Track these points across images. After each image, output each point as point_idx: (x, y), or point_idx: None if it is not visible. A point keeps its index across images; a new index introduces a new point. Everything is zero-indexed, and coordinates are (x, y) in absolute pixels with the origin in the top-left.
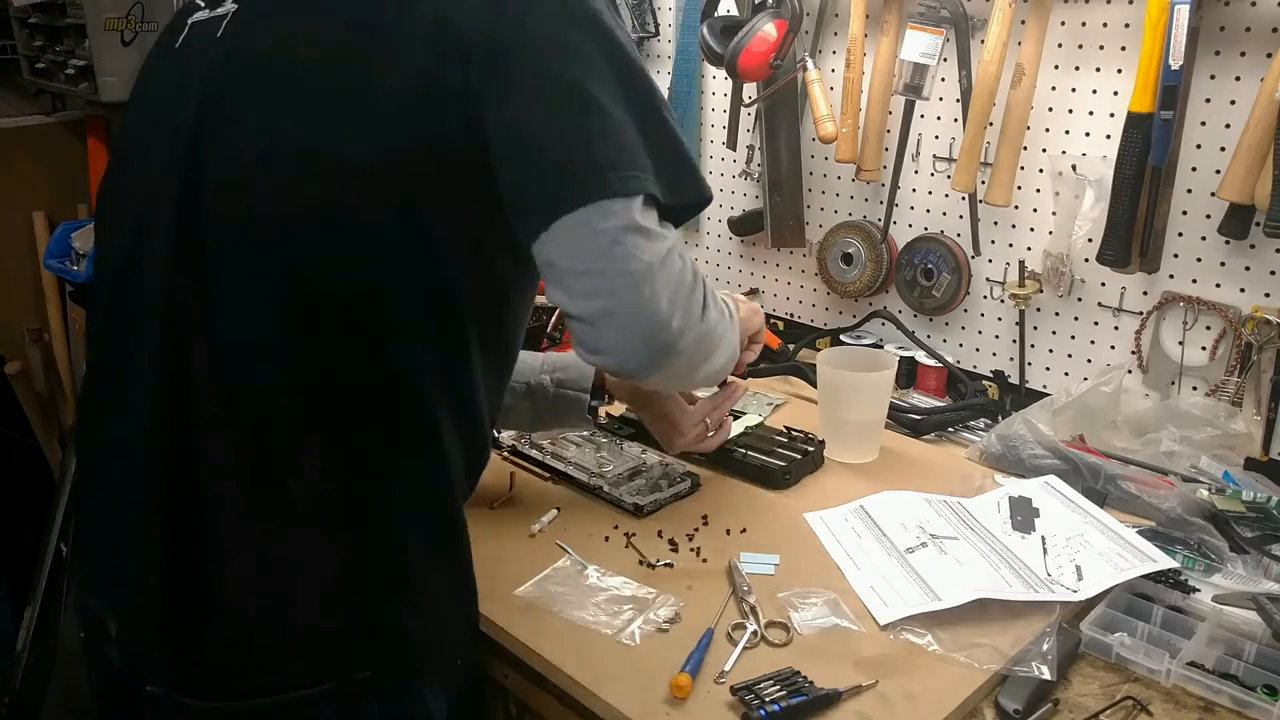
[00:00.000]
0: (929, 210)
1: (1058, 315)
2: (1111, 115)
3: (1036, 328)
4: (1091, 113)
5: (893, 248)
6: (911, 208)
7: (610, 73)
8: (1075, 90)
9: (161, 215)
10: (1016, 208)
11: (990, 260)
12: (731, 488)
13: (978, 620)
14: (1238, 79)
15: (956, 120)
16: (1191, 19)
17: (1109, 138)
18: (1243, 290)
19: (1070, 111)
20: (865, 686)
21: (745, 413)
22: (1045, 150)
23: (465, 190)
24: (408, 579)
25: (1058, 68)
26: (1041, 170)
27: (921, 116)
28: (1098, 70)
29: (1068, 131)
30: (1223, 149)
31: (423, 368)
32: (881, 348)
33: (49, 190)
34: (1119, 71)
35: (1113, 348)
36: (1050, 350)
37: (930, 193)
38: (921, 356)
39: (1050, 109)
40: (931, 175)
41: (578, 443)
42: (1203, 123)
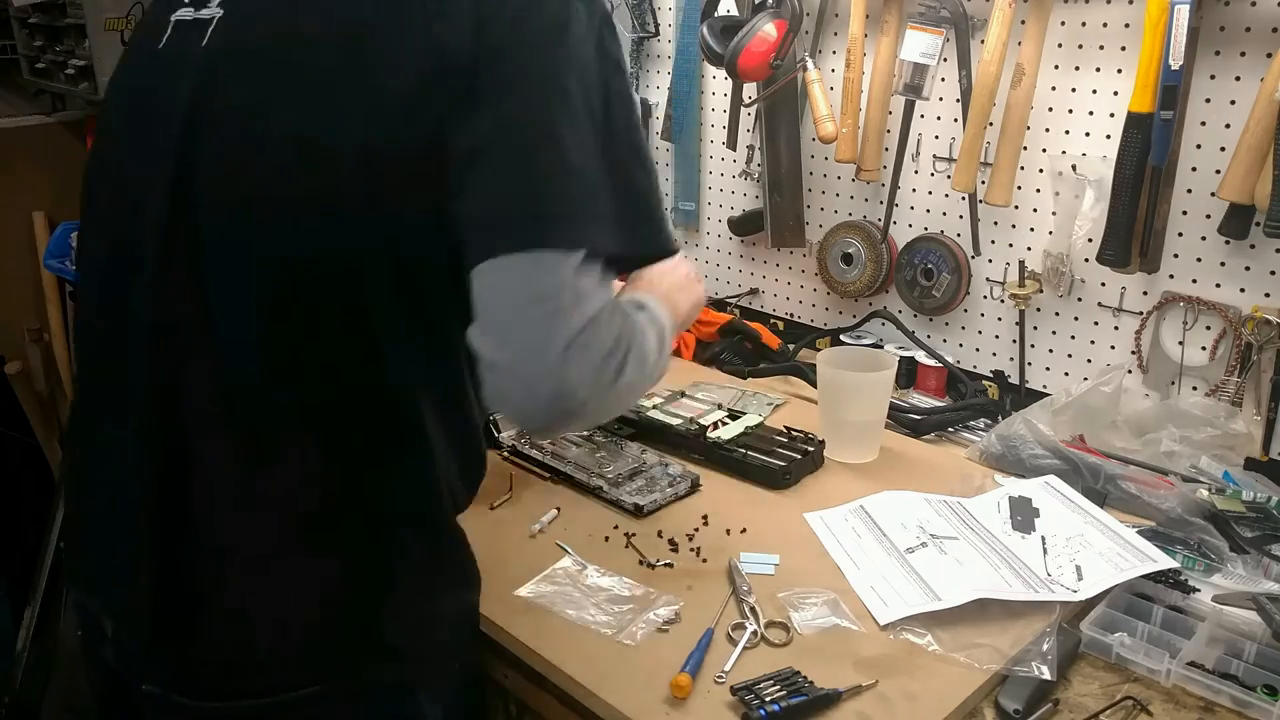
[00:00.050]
0: (929, 210)
1: (1058, 315)
2: (1111, 115)
3: (1036, 328)
4: (1091, 113)
5: (893, 248)
6: (911, 208)
7: (584, 109)
8: (1075, 90)
9: (153, 212)
10: (1016, 208)
11: (990, 260)
12: (731, 488)
13: (978, 620)
14: (1238, 79)
15: (956, 120)
16: (1191, 19)
17: (1109, 138)
18: (1243, 290)
19: (1070, 111)
20: (865, 686)
21: (745, 412)
22: (1045, 150)
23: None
24: (404, 581)
25: (1058, 68)
26: (1041, 170)
27: (921, 116)
28: (1098, 70)
29: (1068, 131)
30: (1223, 149)
31: (416, 368)
32: (881, 348)
33: (49, 190)
34: (1119, 71)
35: (1113, 348)
36: (1050, 350)
37: (930, 193)
38: (921, 356)
39: (1050, 109)
40: (931, 175)
41: (578, 443)
42: (1203, 123)
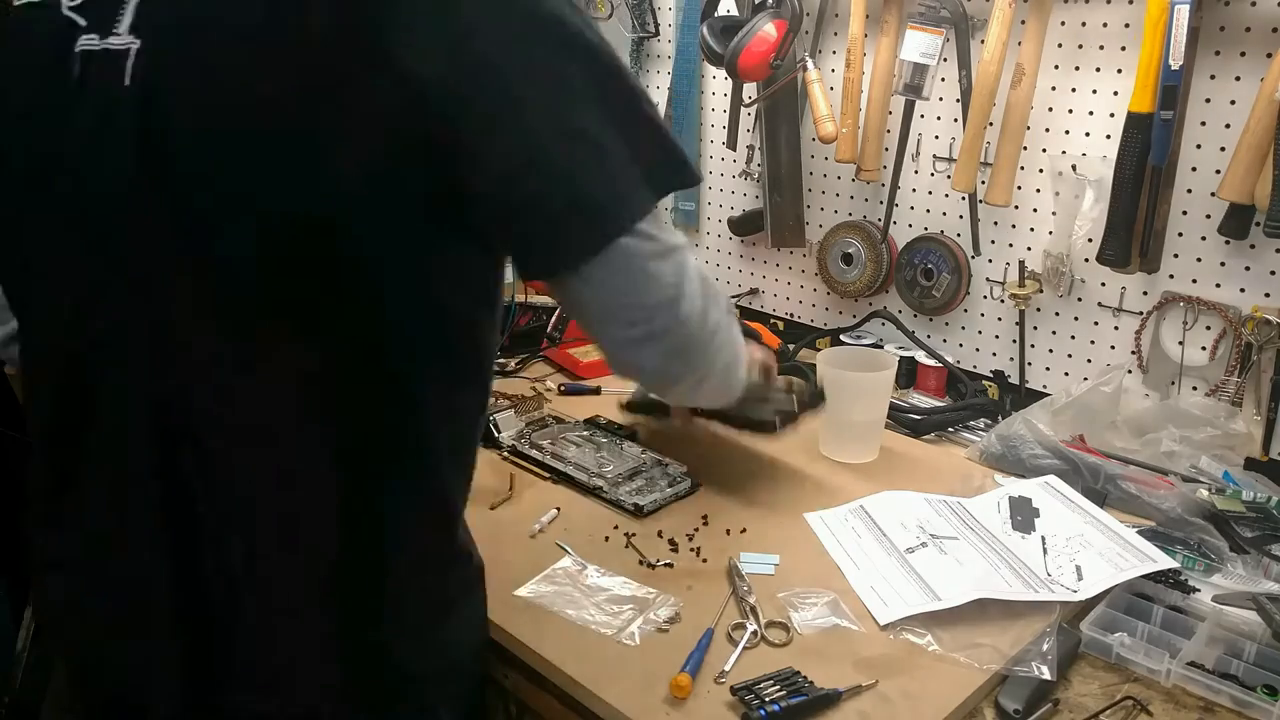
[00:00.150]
0: (929, 210)
1: (1058, 315)
2: (1111, 115)
3: (1036, 328)
4: (1091, 113)
5: (893, 248)
6: (911, 208)
7: (584, 86)
8: (1075, 90)
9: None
10: (1016, 208)
11: (990, 260)
12: (732, 488)
13: (978, 620)
14: (1238, 79)
15: (956, 120)
16: (1191, 19)
17: (1109, 138)
18: (1243, 290)
19: (1070, 111)
20: (865, 686)
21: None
22: (1045, 150)
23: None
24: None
25: (1058, 68)
26: (1041, 170)
27: (921, 116)
28: (1098, 70)
29: (1068, 131)
30: (1223, 149)
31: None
32: (881, 348)
33: None
34: (1119, 71)
35: (1113, 348)
36: (1050, 350)
37: (930, 193)
38: (921, 356)
39: (1050, 109)
40: (931, 175)
41: (578, 443)
42: (1203, 123)
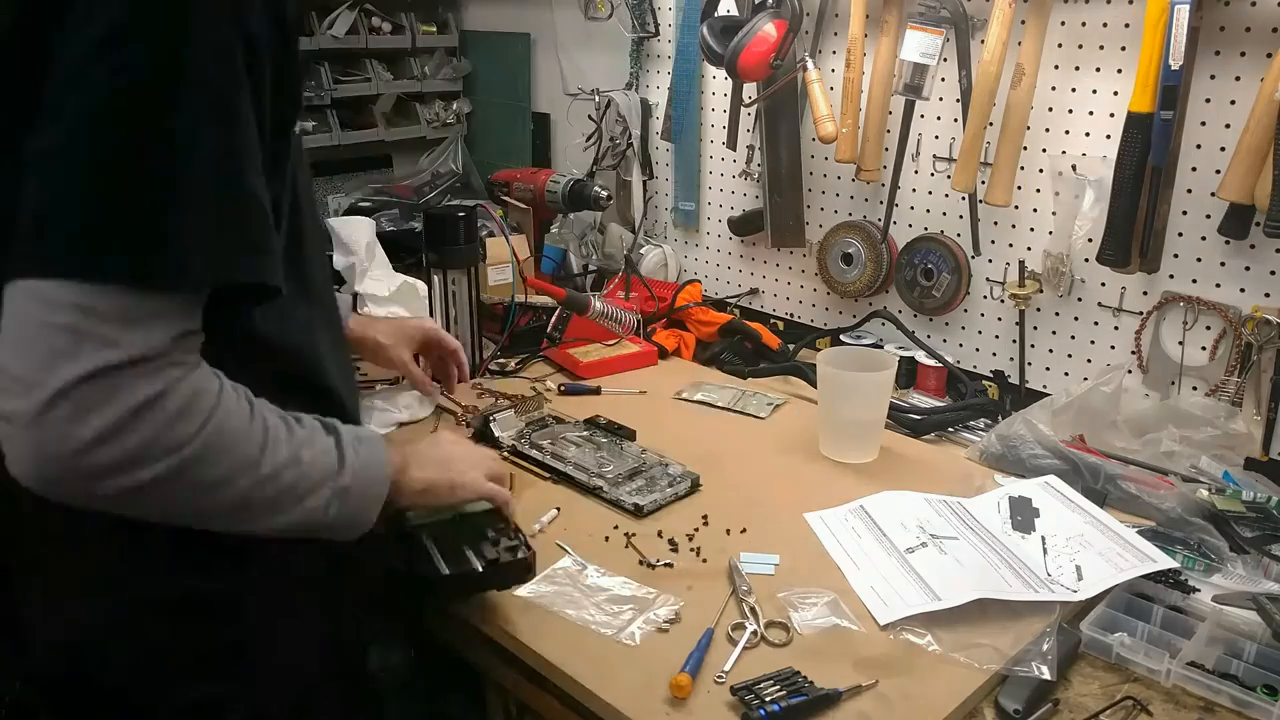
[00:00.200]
0: (929, 210)
1: (1058, 315)
2: (1111, 115)
3: (1036, 328)
4: (1091, 113)
5: (893, 248)
6: (911, 208)
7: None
8: (1075, 90)
9: None
10: (1016, 208)
11: (990, 260)
12: (732, 488)
13: (978, 620)
14: (1238, 79)
15: (956, 120)
16: (1191, 19)
17: (1109, 138)
18: (1243, 290)
19: (1070, 111)
20: (865, 686)
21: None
22: (1045, 150)
23: None
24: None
25: (1058, 68)
26: (1041, 170)
27: (921, 116)
28: (1098, 70)
29: (1068, 131)
30: (1223, 149)
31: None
32: (881, 348)
33: None
34: (1119, 71)
35: (1113, 348)
36: (1050, 350)
37: (930, 193)
38: (921, 356)
39: (1050, 109)
40: (931, 175)
41: (577, 443)
42: (1203, 123)
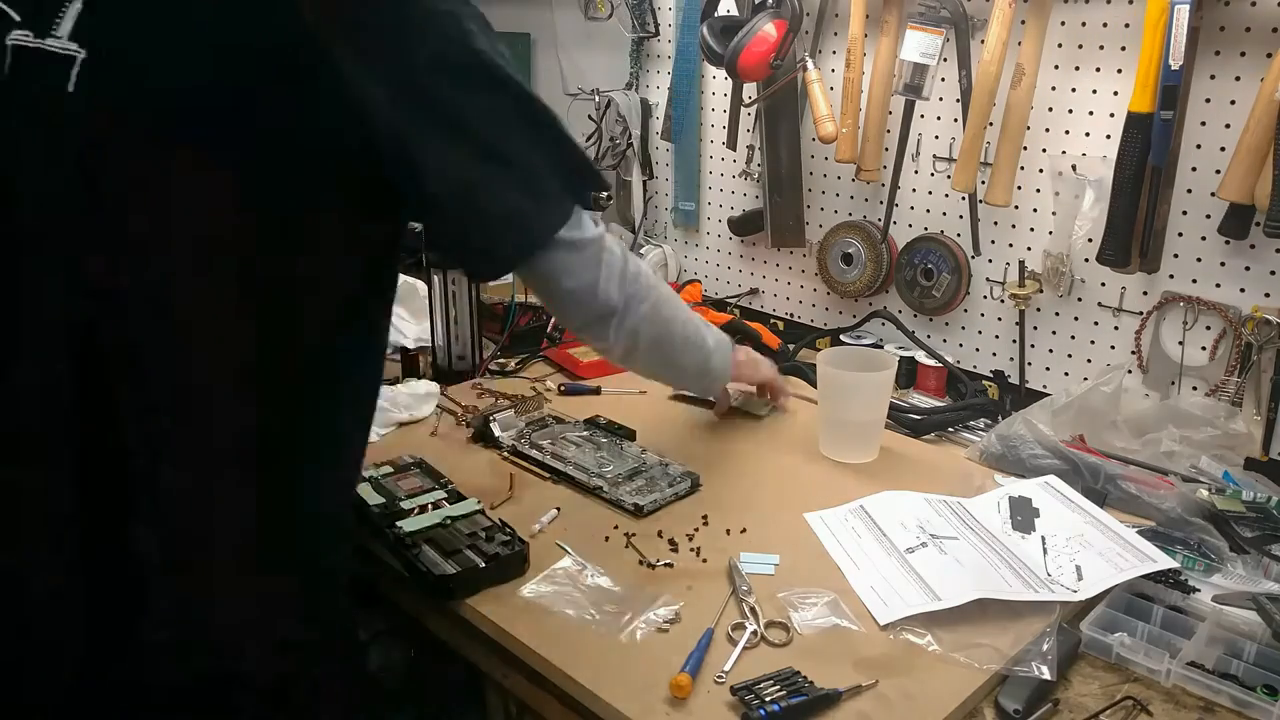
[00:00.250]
0: (929, 210)
1: (1058, 315)
2: (1111, 115)
3: (1036, 328)
4: (1091, 113)
5: (893, 248)
6: (911, 208)
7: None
8: (1075, 90)
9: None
10: (1016, 208)
11: (990, 260)
12: (732, 487)
13: (978, 620)
14: (1238, 79)
15: (956, 120)
16: (1191, 19)
17: (1109, 138)
18: (1243, 290)
19: (1070, 111)
20: (865, 686)
21: (467, 497)
22: (1045, 150)
23: None
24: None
25: (1058, 68)
26: (1041, 170)
27: (921, 116)
28: (1098, 70)
29: (1068, 131)
30: (1223, 149)
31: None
32: (881, 348)
33: None
34: (1119, 71)
35: (1113, 348)
36: (1050, 350)
37: (930, 193)
38: (921, 356)
39: (1050, 109)
40: (931, 175)
41: (577, 443)
42: (1203, 123)
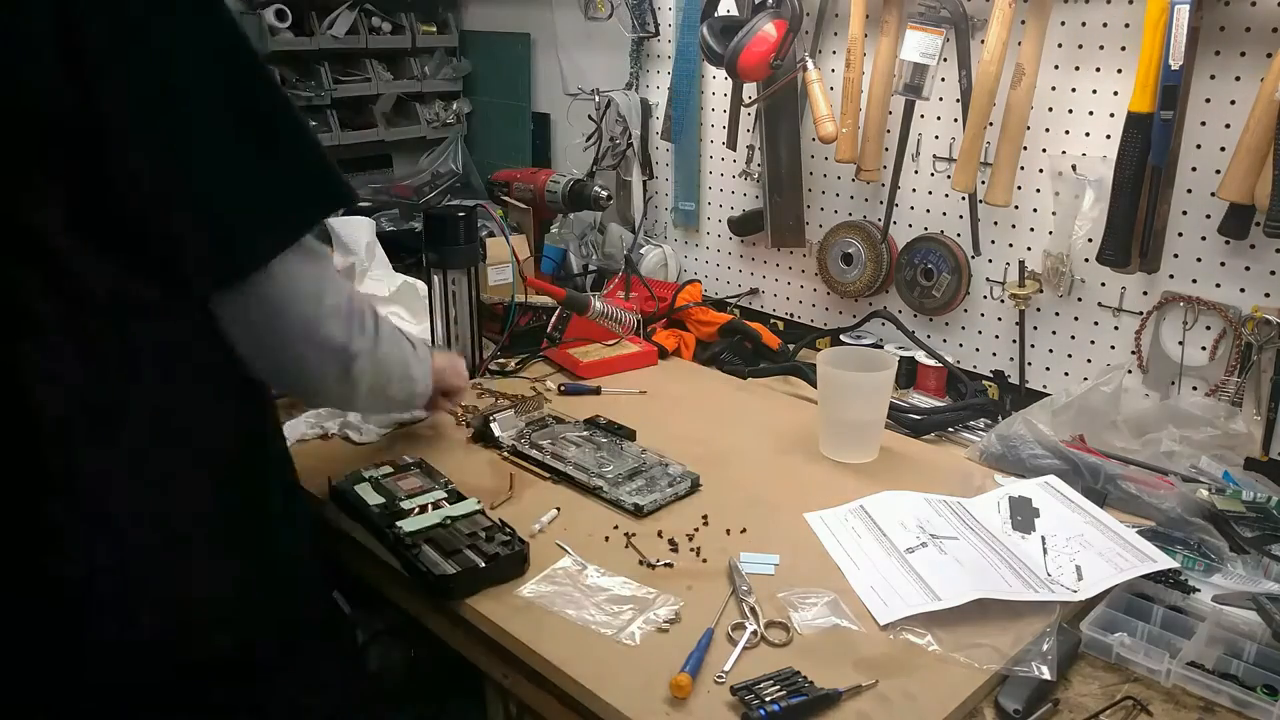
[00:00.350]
0: (929, 210)
1: (1058, 315)
2: (1111, 115)
3: (1036, 328)
4: (1091, 113)
5: (893, 248)
6: (911, 208)
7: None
8: (1075, 90)
9: None
10: (1016, 208)
11: (990, 260)
12: (732, 488)
13: (978, 620)
14: (1238, 79)
15: (956, 120)
16: (1191, 19)
17: (1109, 138)
18: (1243, 290)
19: (1070, 111)
20: (865, 686)
21: (467, 498)
22: (1045, 150)
23: None
24: None
25: (1058, 68)
26: (1041, 170)
27: (921, 116)
28: (1098, 70)
29: (1068, 131)
30: (1223, 149)
31: None
32: (881, 348)
33: None
34: (1119, 71)
35: (1113, 348)
36: (1050, 350)
37: (930, 193)
38: (921, 356)
39: (1050, 109)
40: (931, 175)
41: (577, 443)
42: (1203, 123)
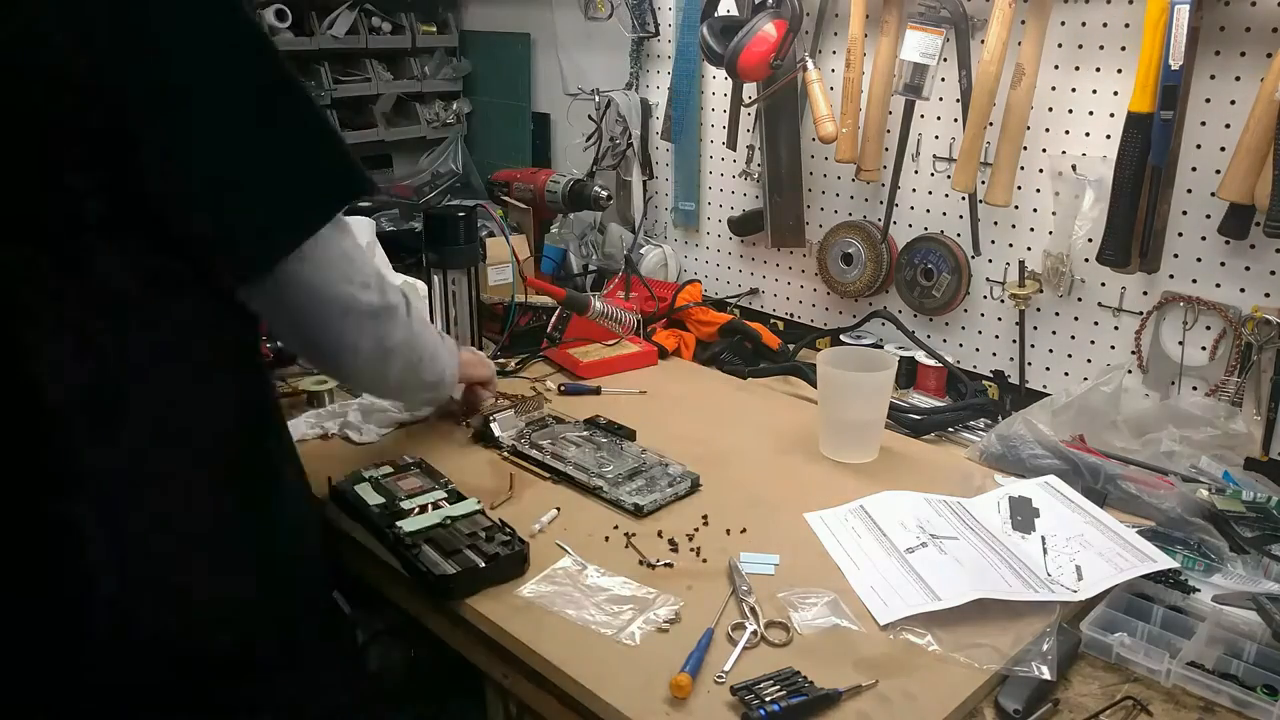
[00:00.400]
0: (929, 210)
1: (1058, 315)
2: (1111, 115)
3: (1036, 328)
4: (1091, 113)
5: (893, 248)
6: (911, 208)
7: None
8: (1075, 90)
9: None
10: (1016, 208)
11: (990, 260)
12: (731, 488)
13: (978, 620)
14: (1238, 79)
15: (956, 120)
16: (1191, 19)
17: (1109, 138)
18: (1243, 290)
19: (1070, 111)
20: (865, 686)
21: (467, 497)
22: (1045, 150)
23: None
24: None
25: (1058, 68)
26: (1041, 170)
27: (921, 116)
28: (1098, 70)
29: (1068, 131)
30: (1223, 149)
31: None
32: (881, 348)
33: None
34: (1119, 71)
35: (1113, 348)
36: (1050, 350)
37: (930, 193)
38: (921, 356)
39: (1050, 109)
40: (931, 175)
41: (577, 443)
42: (1203, 123)
